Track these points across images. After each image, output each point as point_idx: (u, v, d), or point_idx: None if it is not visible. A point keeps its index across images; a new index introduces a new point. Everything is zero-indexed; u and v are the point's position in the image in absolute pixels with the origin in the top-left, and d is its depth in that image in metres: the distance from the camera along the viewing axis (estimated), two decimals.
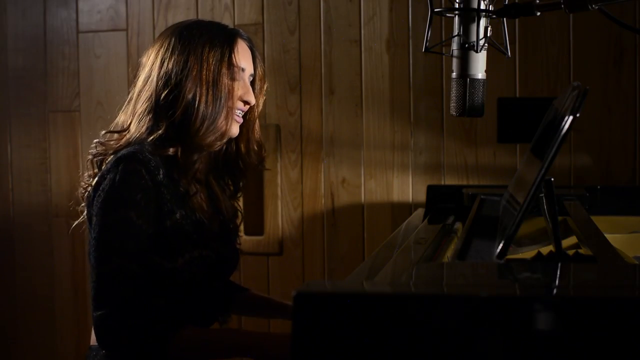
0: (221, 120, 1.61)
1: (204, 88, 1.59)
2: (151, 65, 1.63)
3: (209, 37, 1.62)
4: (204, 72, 1.59)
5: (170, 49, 1.61)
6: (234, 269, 1.77)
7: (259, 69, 1.71)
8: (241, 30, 1.70)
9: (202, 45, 1.61)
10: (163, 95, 1.59)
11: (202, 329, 1.65)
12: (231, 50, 1.63)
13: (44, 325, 2.87)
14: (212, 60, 1.60)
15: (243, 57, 1.66)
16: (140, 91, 1.63)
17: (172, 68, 1.59)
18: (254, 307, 1.88)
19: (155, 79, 1.61)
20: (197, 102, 1.58)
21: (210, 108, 1.59)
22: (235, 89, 1.63)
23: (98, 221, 1.51)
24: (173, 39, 1.62)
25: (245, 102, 1.66)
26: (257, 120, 1.74)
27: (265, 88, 1.74)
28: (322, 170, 2.59)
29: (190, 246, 1.57)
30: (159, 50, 1.63)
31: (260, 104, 1.73)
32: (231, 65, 1.62)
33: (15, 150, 2.87)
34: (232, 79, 1.63)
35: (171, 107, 1.59)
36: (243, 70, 1.65)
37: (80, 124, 2.79)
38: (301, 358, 0.89)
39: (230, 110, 1.62)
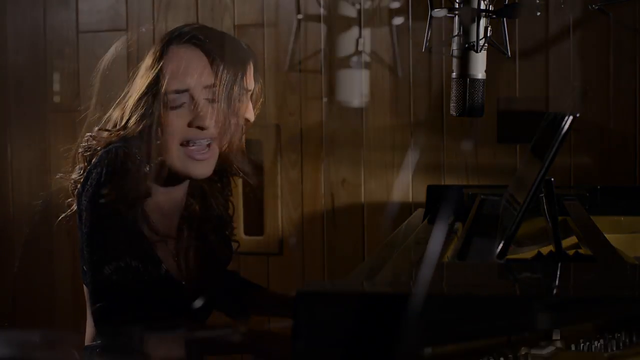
0: None
1: None
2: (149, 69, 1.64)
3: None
4: None
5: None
6: (227, 262, 1.77)
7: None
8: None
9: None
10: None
11: (203, 325, 1.65)
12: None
13: (44, 325, 2.87)
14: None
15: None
16: (139, 90, 1.64)
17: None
18: (273, 305, 1.85)
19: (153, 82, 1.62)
20: None
21: None
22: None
23: (87, 216, 1.52)
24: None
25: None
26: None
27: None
28: (322, 170, 2.58)
29: None
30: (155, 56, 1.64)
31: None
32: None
33: (15, 150, 2.87)
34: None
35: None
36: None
37: (80, 124, 2.78)
38: (302, 357, 0.89)
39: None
